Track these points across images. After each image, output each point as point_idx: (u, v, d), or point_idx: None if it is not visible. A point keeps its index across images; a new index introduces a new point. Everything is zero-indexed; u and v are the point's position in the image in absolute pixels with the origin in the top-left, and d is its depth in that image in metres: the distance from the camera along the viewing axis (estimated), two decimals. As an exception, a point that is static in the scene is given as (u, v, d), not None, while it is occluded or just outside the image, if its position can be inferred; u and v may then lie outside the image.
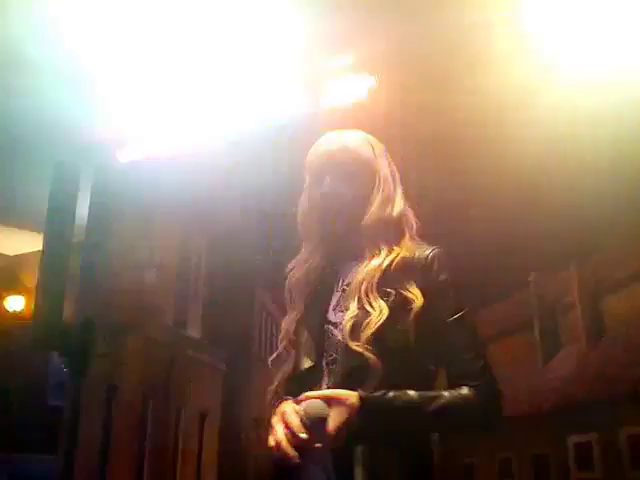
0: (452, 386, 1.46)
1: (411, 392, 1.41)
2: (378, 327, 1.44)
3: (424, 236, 1.72)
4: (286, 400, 1.46)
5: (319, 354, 1.51)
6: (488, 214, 2.46)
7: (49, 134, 3.79)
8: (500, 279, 2.46)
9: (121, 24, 3.01)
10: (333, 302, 1.59)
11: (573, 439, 2.29)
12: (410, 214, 1.70)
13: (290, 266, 1.71)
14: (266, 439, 1.43)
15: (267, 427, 1.50)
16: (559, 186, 2.38)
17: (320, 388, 1.46)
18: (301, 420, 1.33)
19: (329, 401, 1.34)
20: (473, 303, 1.62)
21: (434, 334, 1.49)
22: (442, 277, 1.53)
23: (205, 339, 5.06)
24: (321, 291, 1.62)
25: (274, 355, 1.63)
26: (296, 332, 1.60)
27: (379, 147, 1.71)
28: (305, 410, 1.34)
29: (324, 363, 1.50)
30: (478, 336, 1.55)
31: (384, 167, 1.68)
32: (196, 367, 3.70)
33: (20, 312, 6.63)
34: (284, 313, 1.77)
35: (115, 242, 3.90)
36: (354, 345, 1.43)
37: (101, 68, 3.28)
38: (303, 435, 1.30)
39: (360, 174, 1.62)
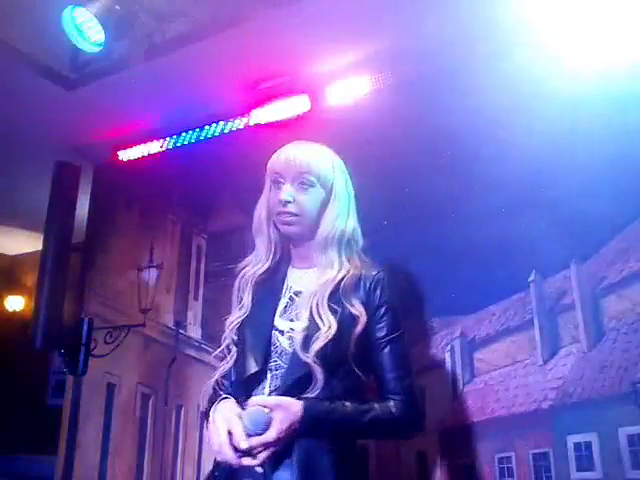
0: (381, 397, 1.61)
1: (347, 403, 1.55)
2: (326, 341, 1.54)
3: (424, 236, 1.72)
4: (227, 399, 1.57)
5: (264, 358, 1.59)
6: (488, 214, 2.46)
7: (49, 134, 3.80)
8: (500, 279, 2.47)
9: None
10: (280, 308, 1.68)
11: (573, 439, 2.29)
12: (359, 231, 1.79)
13: (242, 265, 1.80)
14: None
15: (208, 421, 1.57)
16: (559, 185, 2.38)
17: (262, 391, 1.57)
18: (244, 426, 1.43)
19: (273, 407, 1.44)
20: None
21: (368, 350, 1.62)
22: (384, 298, 1.65)
23: (205, 339, 5.06)
24: (269, 294, 1.70)
25: (217, 351, 1.72)
26: (239, 331, 1.68)
27: (338, 161, 1.80)
28: (249, 416, 1.44)
29: (267, 367, 1.59)
30: (408, 356, 1.70)
31: (341, 182, 1.76)
32: (196, 367, 3.70)
33: (20, 312, 6.64)
34: None
35: (115, 242, 3.90)
36: (304, 356, 1.52)
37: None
38: (244, 444, 1.40)
39: (317, 185, 1.70)
